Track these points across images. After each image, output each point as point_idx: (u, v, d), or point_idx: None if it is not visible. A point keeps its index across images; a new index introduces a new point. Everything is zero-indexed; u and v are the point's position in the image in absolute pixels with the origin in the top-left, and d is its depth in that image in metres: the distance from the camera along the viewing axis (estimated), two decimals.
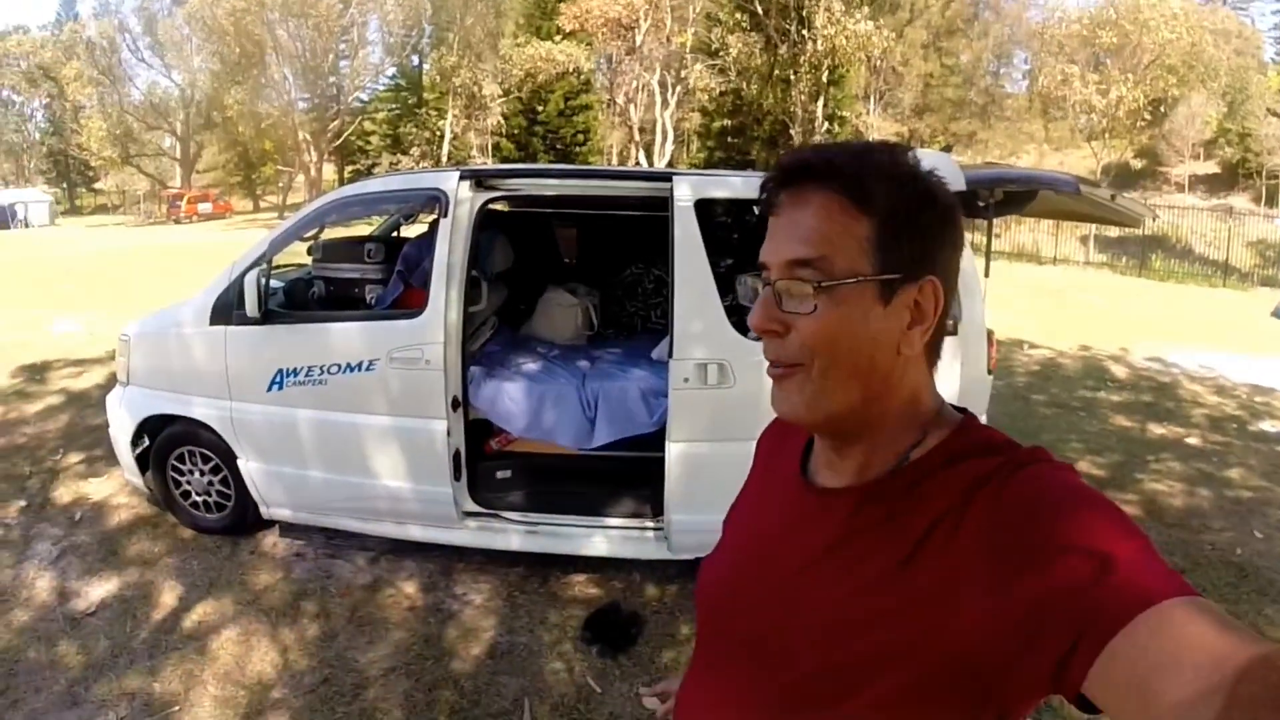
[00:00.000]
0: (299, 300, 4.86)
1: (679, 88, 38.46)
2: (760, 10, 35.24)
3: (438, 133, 46.35)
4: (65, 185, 72.40)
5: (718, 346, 3.87)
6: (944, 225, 0.93)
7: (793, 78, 35.79)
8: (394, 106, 52.37)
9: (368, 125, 51.50)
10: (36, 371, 9.62)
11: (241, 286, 4.30)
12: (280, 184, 55.67)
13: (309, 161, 44.07)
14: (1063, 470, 0.84)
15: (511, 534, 4.34)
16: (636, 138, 39.16)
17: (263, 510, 4.71)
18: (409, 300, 4.51)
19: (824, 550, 0.93)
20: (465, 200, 4.14)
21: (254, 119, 43.00)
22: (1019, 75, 59.35)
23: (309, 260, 5.18)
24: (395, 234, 5.69)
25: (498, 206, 4.66)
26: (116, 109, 54.93)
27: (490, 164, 38.09)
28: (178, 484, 4.89)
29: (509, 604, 4.18)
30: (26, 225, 49.14)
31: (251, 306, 4.24)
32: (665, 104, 38.03)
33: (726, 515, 1.17)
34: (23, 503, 5.57)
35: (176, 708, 3.43)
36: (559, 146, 44.61)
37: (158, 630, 4.02)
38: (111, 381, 8.73)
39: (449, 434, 4.16)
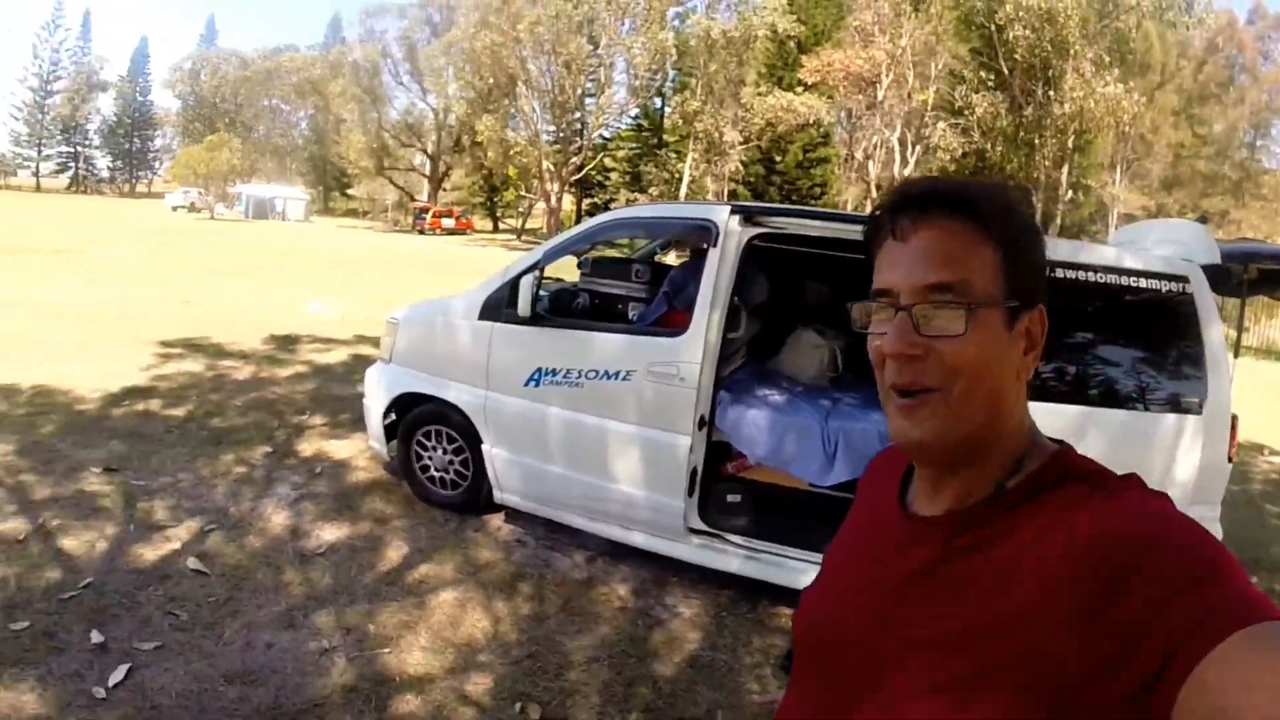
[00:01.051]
0: (563, 308, 5.17)
1: (918, 146, 37.75)
2: (1005, 69, 34.14)
3: (676, 174, 47.38)
4: (321, 187, 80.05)
5: None
6: (1045, 257, 0.98)
7: (1037, 141, 34.43)
8: (635, 145, 53.84)
9: (608, 161, 53.16)
10: (288, 342, 10.73)
11: (516, 288, 4.66)
12: (520, 209, 58.53)
13: (550, 190, 46.04)
14: (1156, 498, 0.85)
15: (731, 556, 4.42)
16: (873, 194, 38.65)
17: (496, 494, 5.04)
18: (670, 320, 4.72)
19: (918, 574, 0.94)
20: (734, 233, 4.33)
21: (502, 146, 45.13)
22: (1278, 148, 54.99)
23: (555, 273, 5.47)
24: (653, 259, 5.96)
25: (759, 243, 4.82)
26: (375, 125, 59.93)
27: None
28: (419, 458, 5.32)
29: (715, 621, 4.28)
30: (283, 218, 54.52)
31: (524, 307, 4.59)
32: (904, 162, 37.38)
33: (827, 550, 1.19)
34: (269, 449, 6.23)
35: (387, 650, 3.73)
36: (795, 198, 44.49)
37: (380, 579, 4.38)
38: (355, 360, 9.70)
39: (691, 450, 4.32)
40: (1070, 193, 35.78)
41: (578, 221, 57.05)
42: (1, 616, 3.74)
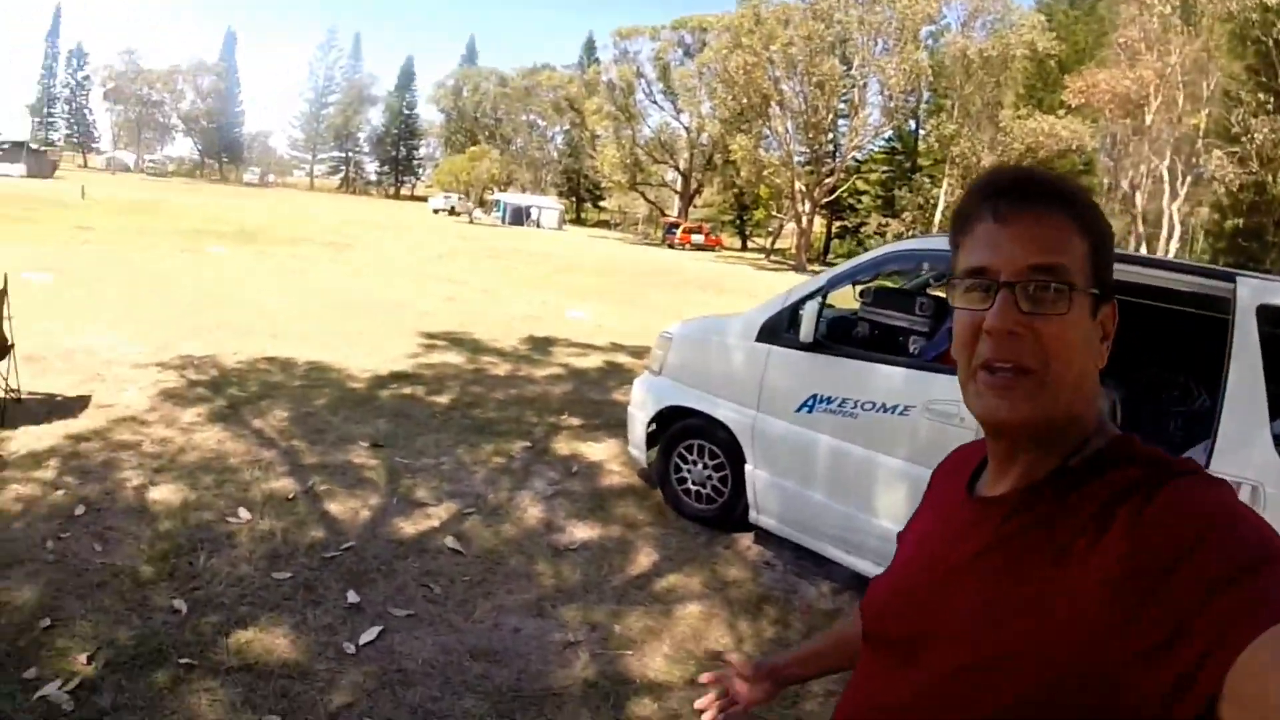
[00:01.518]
0: (841, 336, 5.14)
1: (1188, 177, 34.89)
2: None
3: (930, 200, 46.31)
4: (574, 199, 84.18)
5: (1256, 467, 3.47)
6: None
7: None
8: (888, 169, 53.09)
9: (860, 184, 52.52)
10: (545, 344, 11.25)
11: (797, 312, 4.68)
12: (769, 229, 58.79)
13: (801, 211, 45.99)
14: (1214, 485, 0.85)
15: None
16: (1140, 230, 36.10)
17: (751, 514, 5.04)
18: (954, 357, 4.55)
19: (975, 555, 0.96)
20: None
21: (754, 165, 45.39)
22: None
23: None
24: (925, 290, 5.79)
25: None
26: (629, 141, 62.21)
27: None
28: (678, 469, 5.42)
29: None
30: (538, 225, 57.29)
31: (806, 332, 4.58)
32: (1174, 194, 34.61)
33: (899, 539, 1.22)
34: (527, 444, 6.56)
35: (630, 652, 3.79)
36: None
37: (628, 583, 4.49)
38: (610, 367, 10.11)
39: None
40: None
41: (826, 244, 56.69)
42: (266, 564, 4.15)
